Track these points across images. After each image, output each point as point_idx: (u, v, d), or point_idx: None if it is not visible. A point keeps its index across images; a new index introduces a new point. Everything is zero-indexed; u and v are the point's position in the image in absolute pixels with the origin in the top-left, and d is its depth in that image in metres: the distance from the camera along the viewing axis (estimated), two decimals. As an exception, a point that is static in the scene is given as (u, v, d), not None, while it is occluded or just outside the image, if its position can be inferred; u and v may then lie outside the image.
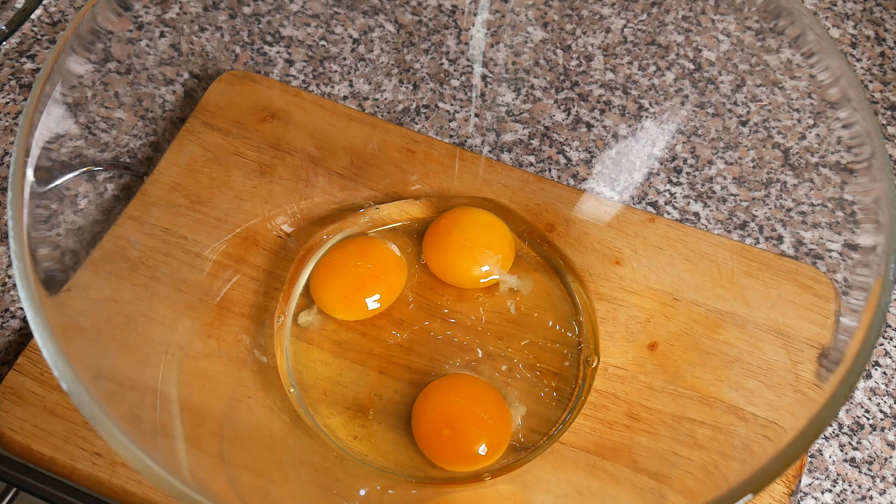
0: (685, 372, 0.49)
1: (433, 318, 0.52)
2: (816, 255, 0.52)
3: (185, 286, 0.49)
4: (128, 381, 0.40)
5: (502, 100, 0.61)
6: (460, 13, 0.65)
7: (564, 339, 0.52)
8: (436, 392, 0.49)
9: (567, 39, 0.63)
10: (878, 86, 0.65)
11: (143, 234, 0.49)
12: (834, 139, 0.44)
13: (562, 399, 0.50)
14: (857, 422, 0.52)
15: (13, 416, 0.46)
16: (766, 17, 0.45)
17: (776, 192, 0.55)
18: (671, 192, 0.58)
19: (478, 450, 0.47)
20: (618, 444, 0.47)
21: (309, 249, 0.54)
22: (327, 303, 0.51)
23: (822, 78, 0.42)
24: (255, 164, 0.54)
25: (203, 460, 0.41)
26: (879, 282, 0.36)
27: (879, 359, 0.54)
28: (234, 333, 0.49)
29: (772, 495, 0.46)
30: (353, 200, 0.56)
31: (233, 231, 0.52)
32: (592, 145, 0.60)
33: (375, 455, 0.48)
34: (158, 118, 0.58)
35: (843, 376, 0.35)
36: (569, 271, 0.54)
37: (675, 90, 0.62)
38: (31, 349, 0.48)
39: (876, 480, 0.50)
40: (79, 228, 0.47)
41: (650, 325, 0.51)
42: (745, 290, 0.51)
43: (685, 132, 0.57)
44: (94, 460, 0.45)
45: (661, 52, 0.62)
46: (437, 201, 0.56)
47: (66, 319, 0.34)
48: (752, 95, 0.57)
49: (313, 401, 0.49)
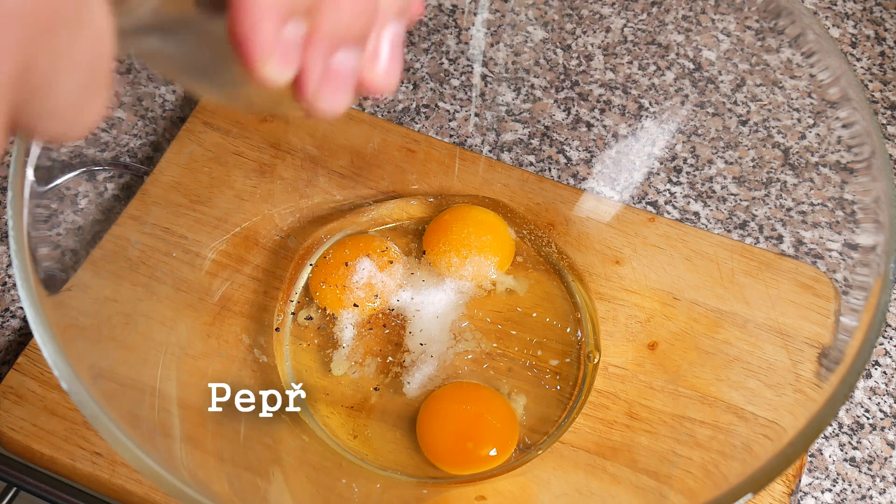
0: (685, 371, 0.49)
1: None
2: (816, 254, 0.52)
3: (185, 285, 0.49)
4: (127, 381, 0.41)
5: (502, 99, 0.61)
6: (460, 13, 0.65)
7: (565, 338, 0.52)
8: (445, 401, 0.49)
9: (567, 39, 0.63)
10: (878, 85, 0.65)
11: (143, 233, 0.49)
12: (834, 139, 0.44)
13: (562, 398, 0.50)
14: (857, 421, 0.52)
15: (13, 416, 0.46)
16: (766, 17, 0.45)
17: (776, 192, 0.55)
18: (671, 192, 0.58)
19: (489, 454, 0.47)
20: (618, 444, 0.47)
21: (309, 249, 0.54)
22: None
23: (822, 77, 0.42)
24: (255, 164, 0.54)
25: (202, 459, 0.42)
26: (879, 281, 0.36)
27: (879, 358, 0.54)
28: (234, 333, 0.49)
29: (772, 495, 0.46)
30: (353, 200, 0.56)
31: (233, 230, 0.52)
32: (592, 145, 0.60)
33: (375, 455, 0.48)
34: (158, 118, 0.58)
35: (843, 376, 0.35)
36: (569, 271, 0.54)
37: (675, 90, 0.62)
38: (31, 349, 0.48)
39: (876, 480, 0.50)
40: (79, 228, 0.47)
41: (650, 325, 0.51)
42: (745, 289, 0.51)
43: (685, 132, 0.57)
44: (94, 460, 0.45)
45: (661, 52, 0.62)
46: (437, 201, 0.56)
47: (66, 319, 0.34)
48: (752, 95, 0.57)
49: (313, 401, 0.49)
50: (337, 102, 0.26)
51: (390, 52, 0.27)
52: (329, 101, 0.26)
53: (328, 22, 0.24)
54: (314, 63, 0.24)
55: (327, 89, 0.25)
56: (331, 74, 0.25)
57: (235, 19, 0.22)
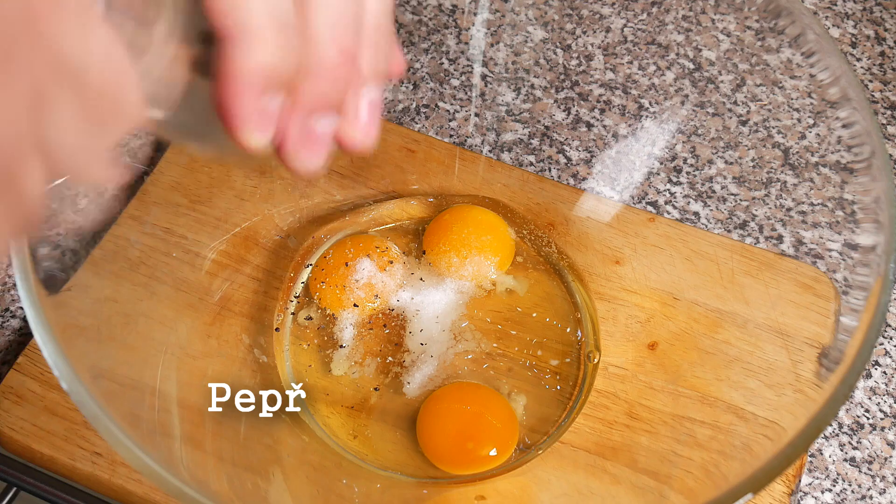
0: (685, 371, 0.49)
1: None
2: (816, 254, 0.52)
3: (185, 285, 0.49)
4: (127, 381, 0.41)
5: (502, 99, 0.61)
6: (460, 13, 0.65)
7: (565, 338, 0.52)
8: (445, 401, 0.49)
9: (567, 39, 0.63)
10: (878, 85, 0.65)
11: (144, 233, 0.49)
12: (834, 139, 0.44)
13: (562, 398, 0.50)
14: (857, 421, 0.52)
15: (13, 416, 0.46)
16: (766, 17, 0.45)
17: (776, 192, 0.55)
18: (671, 192, 0.58)
19: (489, 454, 0.47)
20: (618, 444, 0.47)
21: (309, 249, 0.54)
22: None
23: (822, 77, 0.42)
24: (255, 164, 0.54)
25: (202, 459, 0.42)
26: (879, 281, 0.36)
27: (879, 358, 0.54)
28: (234, 333, 0.49)
29: (772, 495, 0.46)
30: (353, 200, 0.56)
31: (233, 230, 0.52)
32: (592, 145, 0.60)
33: (375, 455, 0.48)
34: (158, 118, 0.58)
35: (843, 376, 0.35)
36: (569, 271, 0.54)
37: (675, 90, 0.62)
38: (31, 349, 0.48)
39: (876, 480, 0.50)
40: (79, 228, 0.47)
41: (650, 325, 0.51)
42: (745, 289, 0.51)
43: (685, 132, 0.57)
44: (94, 460, 0.45)
45: (661, 52, 0.62)
46: (437, 201, 0.56)
47: (66, 319, 0.34)
48: (752, 95, 0.57)
49: (313, 401, 0.49)
50: (314, 162, 0.28)
51: (369, 113, 0.28)
52: (307, 161, 0.27)
53: (308, 91, 0.26)
54: (293, 127, 0.26)
55: (305, 150, 0.27)
56: (309, 137, 0.27)
57: (219, 90, 0.24)
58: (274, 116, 0.25)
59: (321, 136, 0.27)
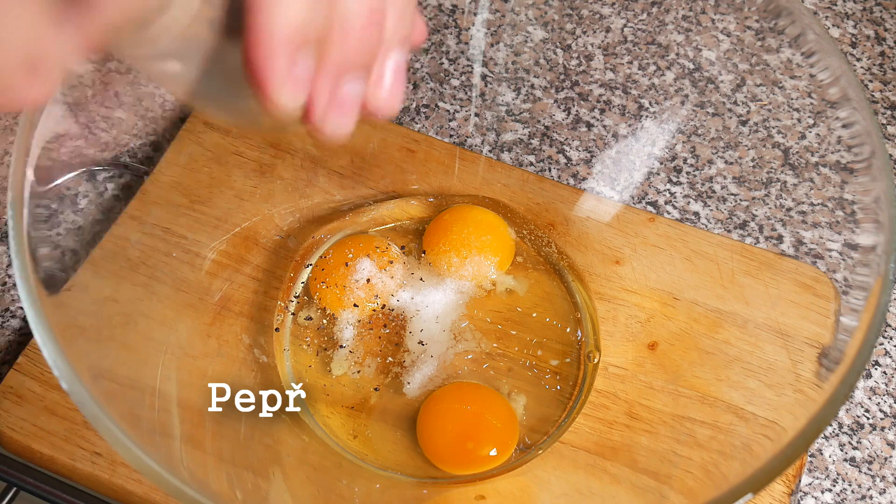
0: (685, 371, 0.49)
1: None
2: (816, 254, 0.52)
3: (185, 285, 0.49)
4: (127, 381, 0.41)
5: (502, 99, 0.61)
6: (460, 13, 0.65)
7: (565, 338, 0.52)
8: (445, 401, 0.49)
9: (567, 39, 0.63)
10: (878, 85, 0.65)
11: (143, 233, 0.49)
12: (834, 139, 0.44)
13: (562, 398, 0.50)
14: (857, 421, 0.52)
15: (13, 416, 0.46)
16: (766, 17, 0.45)
17: (776, 192, 0.55)
18: (671, 192, 0.58)
19: (489, 454, 0.47)
20: (618, 444, 0.47)
21: (309, 249, 0.54)
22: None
23: (822, 77, 0.42)
24: (255, 164, 0.54)
25: (202, 459, 0.42)
26: (879, 281, 0.36)
27: (879, 358, 0.54)
28: (234, 333, 0.49)
29: (772, 495, 0.46)
30: (353, 200, 0.56)
31: (233, 230, 0.52)
32: (592, 145, 0.60)
33: (375, 455, 0.48)
34: (158, 118, 0.58)
35: (843, 376, 0.35)
36: (569, 270, 0.54)
37: (675, 90, 0.62)
38: (31, 349, 0.48)
39: (876, 480, 0.50)
40: (79, 228, 0.47)
41: (650, 325, 0.51)
42: (745, 289, 0.51)
43: (685, 132, 0.57)
44: (94, 460, 0.45)
45: (661, 52, 0.62)
46: (437, 201, 0.56)
47: (66, 319, 0.34)
48: (752, 95, 0.57)
49: (313, 401, 0.49)
50: (342, 126, 0.27)
51: (394, 78, 0.28)
52: (335, 125, 0.27)
53: (336, 52, 0.25)
54: (322, 90, 0.26)
55: (334, 114, 0.27)
56: (337, 100, 0.27)
57: (251, 51, 0.23)
58: (306, 77, 0.25)
59: (350, 99, 0.27)
